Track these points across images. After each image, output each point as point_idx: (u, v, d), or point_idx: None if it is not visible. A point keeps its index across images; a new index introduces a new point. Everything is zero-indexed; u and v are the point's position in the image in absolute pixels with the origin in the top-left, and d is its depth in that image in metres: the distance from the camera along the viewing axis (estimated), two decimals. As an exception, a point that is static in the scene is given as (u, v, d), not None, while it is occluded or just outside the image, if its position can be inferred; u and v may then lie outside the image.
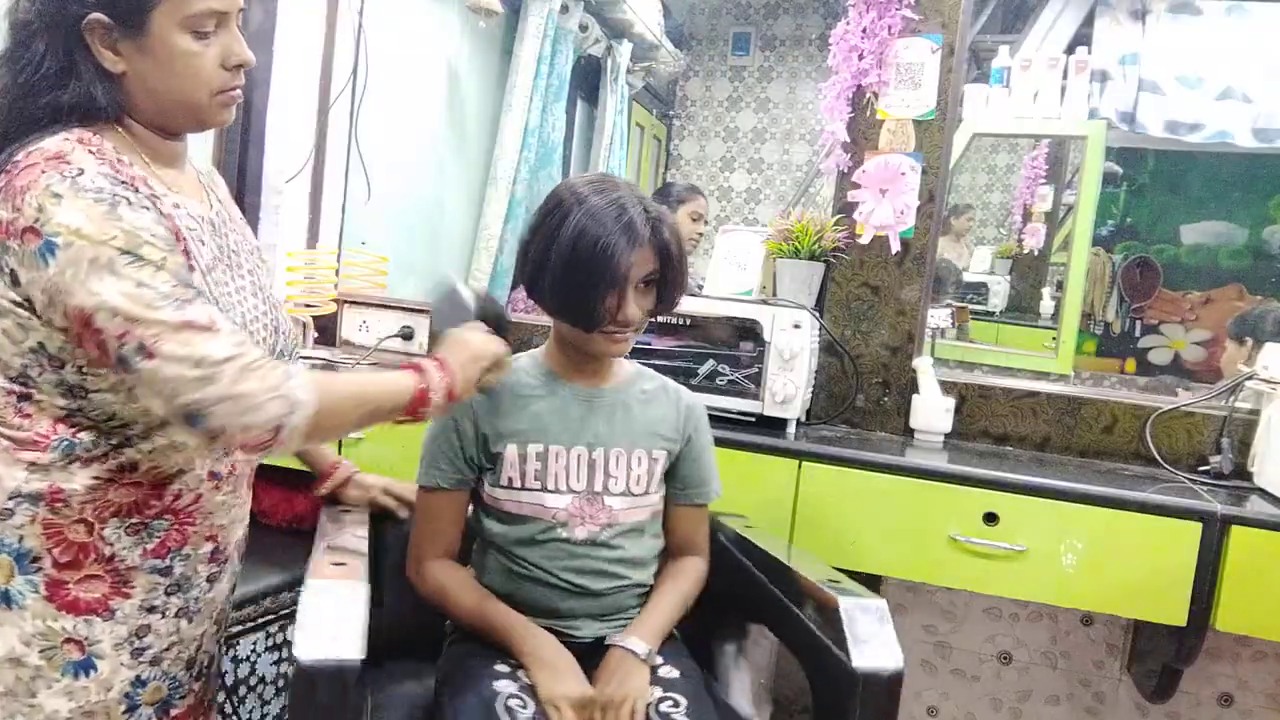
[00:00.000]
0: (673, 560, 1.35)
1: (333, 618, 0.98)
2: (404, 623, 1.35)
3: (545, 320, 1.35)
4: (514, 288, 3.11)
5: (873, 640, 1.08)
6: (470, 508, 1.31)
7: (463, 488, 1.27)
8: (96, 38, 0.96)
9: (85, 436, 0.99)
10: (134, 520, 1.03)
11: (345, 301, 2.32)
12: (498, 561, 1.27)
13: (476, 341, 1.16)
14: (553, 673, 1.14)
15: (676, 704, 1.14)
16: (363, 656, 0.96)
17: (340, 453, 1.83)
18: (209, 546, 1.11)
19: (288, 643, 1.80)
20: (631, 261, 1.16)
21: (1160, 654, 1.72)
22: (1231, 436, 1.76)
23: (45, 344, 0.96)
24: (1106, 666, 1.99)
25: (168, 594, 1.07)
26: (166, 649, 1.08)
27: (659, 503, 1.32)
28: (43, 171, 0.92)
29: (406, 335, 2.30)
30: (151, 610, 1.05)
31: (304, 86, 2.42)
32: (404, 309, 2.32)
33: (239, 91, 1.04)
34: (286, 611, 1.84)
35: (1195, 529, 1.46)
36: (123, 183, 0.95)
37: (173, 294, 0.92)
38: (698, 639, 1.45)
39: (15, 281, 0.94)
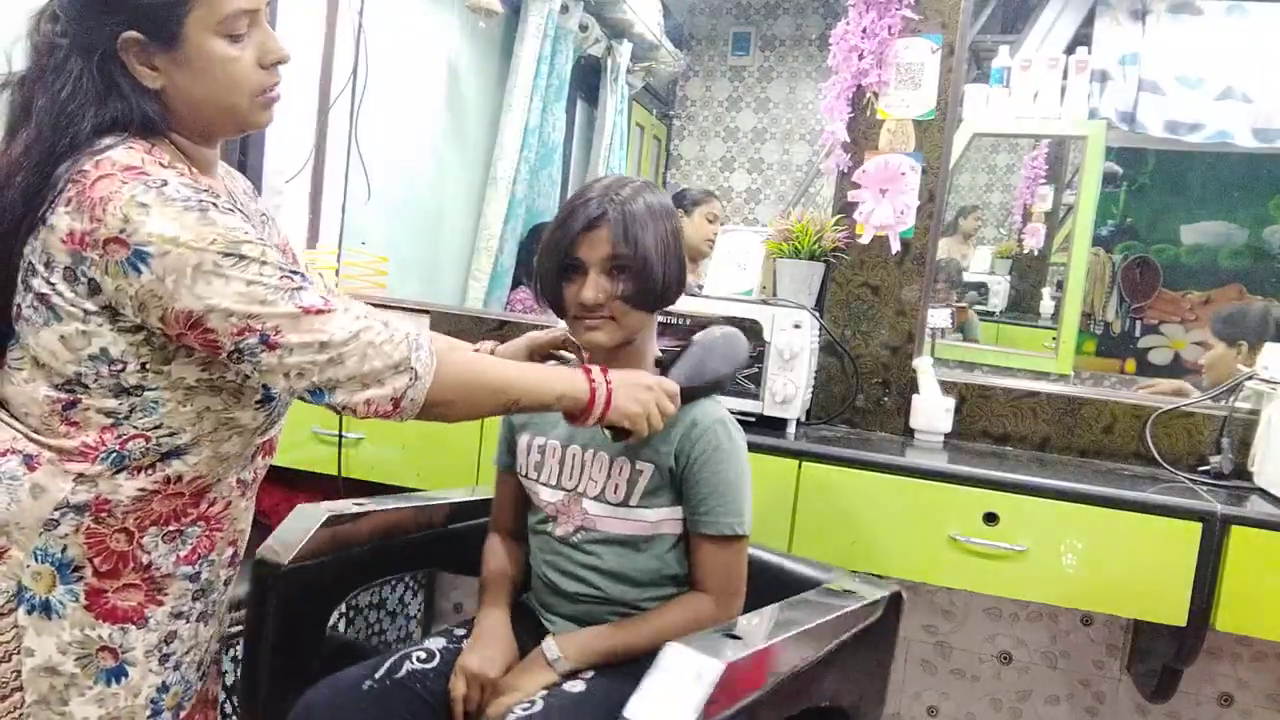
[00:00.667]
0: (687, 592, 1.26)
1: None
2: None
3: (548, 320, 1.36)
4: (514, 288, 3.11)
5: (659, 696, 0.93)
6: None
7: (511, 471, 1.35)
8: (132, 55, 0.96)
9: (134, 447, 0.99)
10: (171, 528, 1.04)
11: (345, 301, 2.32)
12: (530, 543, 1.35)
13: (648, 378, 1.15)
14: (473, 644, 1.22)
15: (531, 704, 1.10)
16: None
17: (340, 457, 1.84)
18: (230, 551, 1.14)
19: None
20: (582, 241, 1.16)
21: (1160, 654, 1.72)
22: (1231, 436, 1.76)
23: (109, 349, 0.96)
24: (1106, 666, 1.99)
25: (194, 599, 1.09)
26: (187, 653, 1.10)
27: (662, 525, 1.24)
28: (123, 183, 0.92)
29: (406, 335, 2.30)
30: (179, 616, 1.07)
31: (304, 86, 2.42)
32: (404, 309, 2.32)
33: (278, 91, 1.05)
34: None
35: (1195, 529, 1.46)
36: (204, 190, 0.96)
37: (281, 285, 0.94)
38: None
39: (95, 290, 0.94)
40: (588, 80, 3.61)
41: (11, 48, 1.02)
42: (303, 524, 1.31)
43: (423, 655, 1.22)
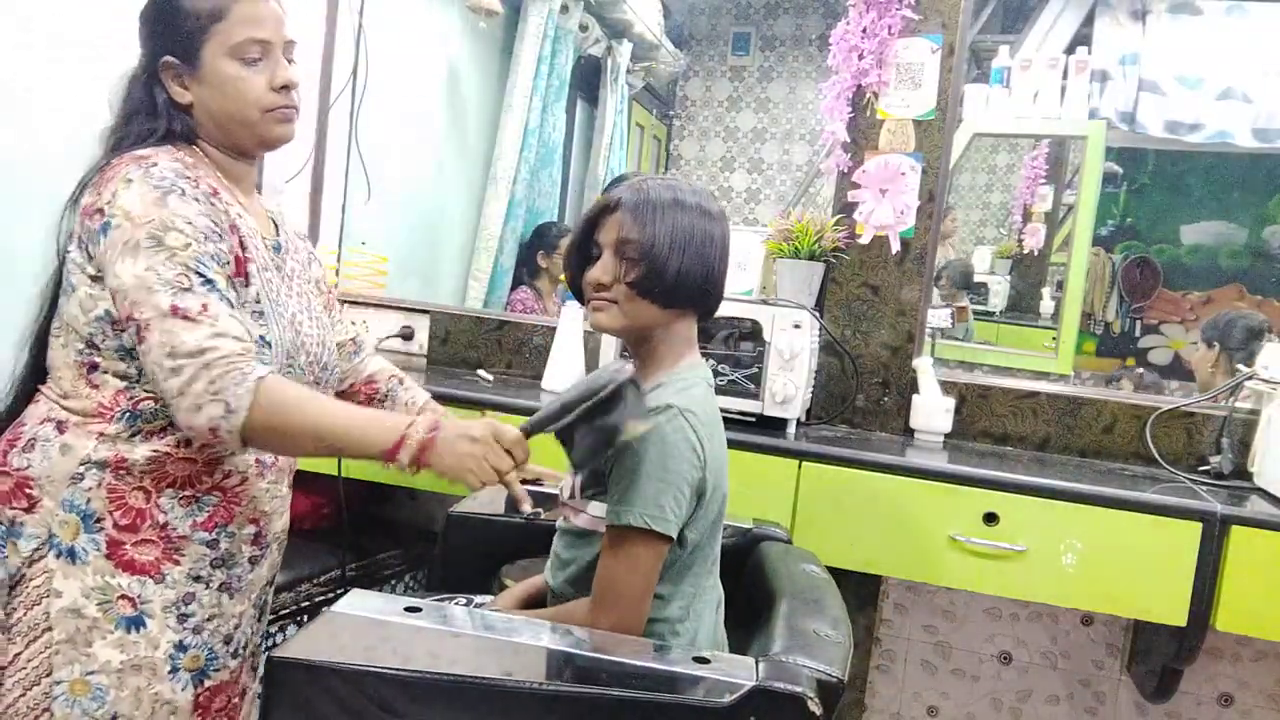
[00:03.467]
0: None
1: None
2: None
3: (548, 321, 1.36)
4: (514, 288, 3.11)
5: None
6: None
7: None
8: (169, 76, 1.15)
9: (146, 407, 1.10)
10: (187, 493, 1.13)
11: (345, 301, 2.32)
12: None
13: (479, 429, 1.07)
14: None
15: None
16: None
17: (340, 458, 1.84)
18: (252, 529, 1.20)
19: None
20: (600, 224, 1.19)
21: (1160, 654, 1.72)
22: (1231, 436, 1.76)
23: (110, 310, 1.08)
24: (1106, 666, 1.99)
25: (213, 567, 1.16)
26: (208, 619, 1.16)
27: (597, 519, 1.15)
28: (127, 165, 1.08)
29: (406, 335, 2.30)
30: (197, 580, 1.14)
31: (304, 86, 2.42)
32: (404, 309, 2.32)
33: (291, 110, 1.19)
34: (286, 612, 1.84)
35: (1195, 529, 1.46)
36: (187, 177, 1.09)
37: (173, 281, 1.02)
38: None
39: (89, 256, 1.08)
40: (588, 80, 3.61)
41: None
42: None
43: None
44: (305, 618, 1.86)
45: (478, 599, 1.33)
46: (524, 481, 1.11)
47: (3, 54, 1.71)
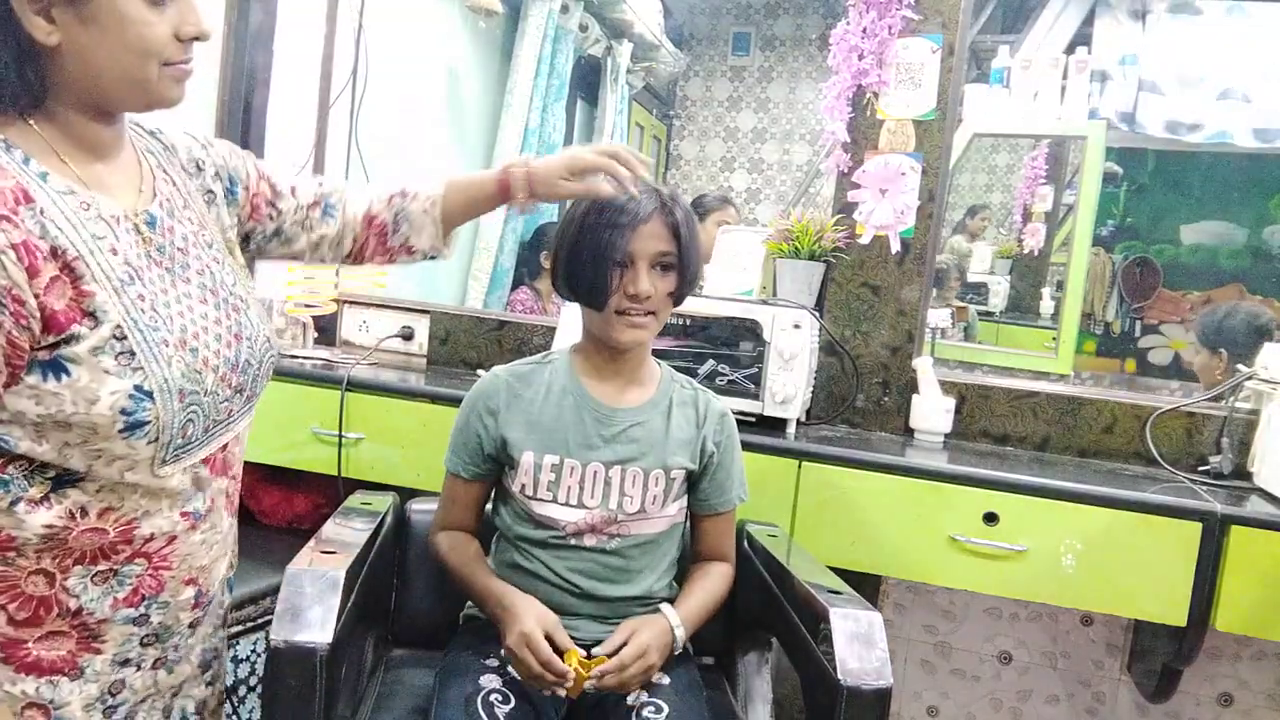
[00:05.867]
0: (699, 565, 1.34)
1: (307, 602, 1.02)
2: (424, 612, 1.42)
3: (548, 321, 1.35)
4: (514, 288, 3.11)
5: (861, 654, 1.06)
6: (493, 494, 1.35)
7: (482, 480, 1.31)
8: (26, 3, 0.81)
9: (14, 471, 0.85)
10: (101, 567, 0.90)
11: (345, 301, 2.32)
12: (508, 552, 1.29)
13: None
14: (513, 617, 1.15)
15: (659, 709, 1.13)
16: (330, 640, 0.99)
17: (340, 457, 1.84)
18: (190, 591, 0.99)
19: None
20: (635, 235, 1.18)
21: (1160, 654, 1.72)
22: (1231, 436, 1.76)
23: None
24: (1106, 666, 1.99)
25: (144, 645, 0.96)
26: (141, 702, 0.98)
27: (678, 515, 1.30)
28: None
29: (406, 335, 2.30)
30: (126, 664, 0.95)
31: (304, 86, 2.42)
32: (404, 309, 2.32)
33: (191, 65, 0.91)
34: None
35: (1195, 529, 1.46)
36: None
37: None
38: (720, 650, 1.46)
39: None
40: (588, 80, 3.61)
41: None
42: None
43: (500, 696, 1.14)
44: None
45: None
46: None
47: None
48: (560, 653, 1.13)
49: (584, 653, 1.15)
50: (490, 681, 1.15)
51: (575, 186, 1.18)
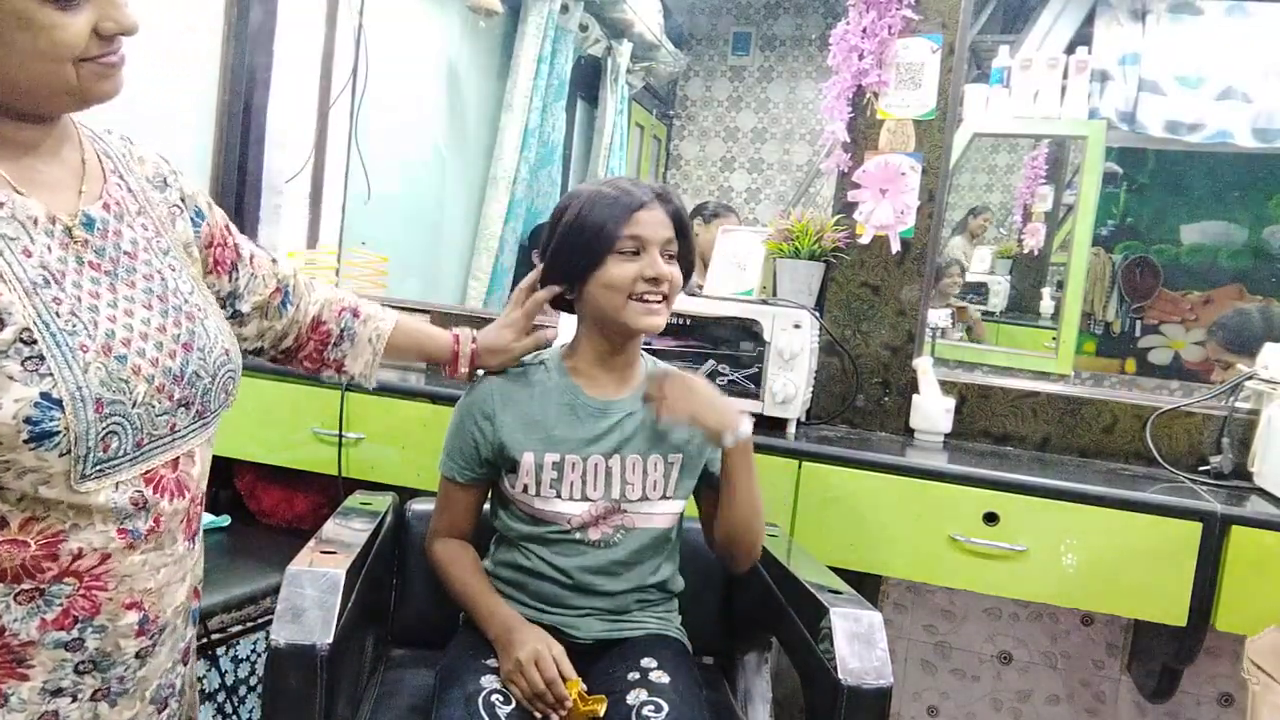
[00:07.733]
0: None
1: (307, 602, 1.02)
2: (424, 612, 1.41)
3: (548, 321, 1.35)
4: (513, 288, 3.11)
5: (861, 654, 1.07)
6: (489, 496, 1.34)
7: (478, 484, 1.31)
8: None
9: None
10: (25, 586, 0.83)
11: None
12: (509, 553, 1.29)
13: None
14: (521, 638, 1.16)
15: (659, 709, 1.12)
16: (330, 640, 1.00)
17: (340, 457, 1.84)
18: (133, 616, 0.90)
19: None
20: (643, 220, 1.19)
21: (1160, 654, 1.72)
22: (1231, 436, 1.76)
23: None
24: (1106, 666, 1.99)
25: (80, 673, 0.88)
26: None
27: (680, 508, 1.31)
28: None
29: (406, 335, 2.30)
30: (58, 693, 0.87)
31: (304, 86, 2.42)
32: (404, 309, 2.31)
33: (118, 58, 0.84)
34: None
35: (1195, 529, 1.46)
36: None
37: None
38: (720, 650, 1.46)
39: None
40: (588, 80, 3.61)
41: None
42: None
43: (501, 697, 1.13)
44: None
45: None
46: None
47: None
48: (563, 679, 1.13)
49: (584, 686, 1.14)
50: (491, 682, 1.15)
51: (526, 342, 1.30)
